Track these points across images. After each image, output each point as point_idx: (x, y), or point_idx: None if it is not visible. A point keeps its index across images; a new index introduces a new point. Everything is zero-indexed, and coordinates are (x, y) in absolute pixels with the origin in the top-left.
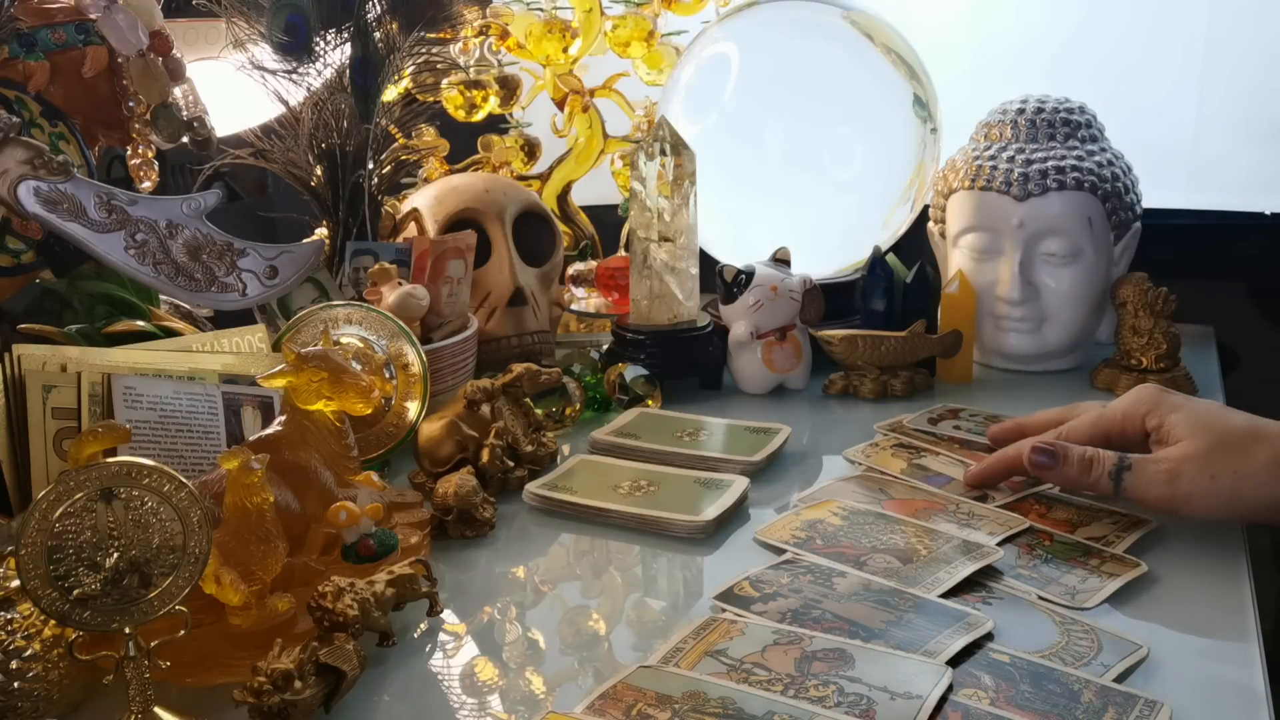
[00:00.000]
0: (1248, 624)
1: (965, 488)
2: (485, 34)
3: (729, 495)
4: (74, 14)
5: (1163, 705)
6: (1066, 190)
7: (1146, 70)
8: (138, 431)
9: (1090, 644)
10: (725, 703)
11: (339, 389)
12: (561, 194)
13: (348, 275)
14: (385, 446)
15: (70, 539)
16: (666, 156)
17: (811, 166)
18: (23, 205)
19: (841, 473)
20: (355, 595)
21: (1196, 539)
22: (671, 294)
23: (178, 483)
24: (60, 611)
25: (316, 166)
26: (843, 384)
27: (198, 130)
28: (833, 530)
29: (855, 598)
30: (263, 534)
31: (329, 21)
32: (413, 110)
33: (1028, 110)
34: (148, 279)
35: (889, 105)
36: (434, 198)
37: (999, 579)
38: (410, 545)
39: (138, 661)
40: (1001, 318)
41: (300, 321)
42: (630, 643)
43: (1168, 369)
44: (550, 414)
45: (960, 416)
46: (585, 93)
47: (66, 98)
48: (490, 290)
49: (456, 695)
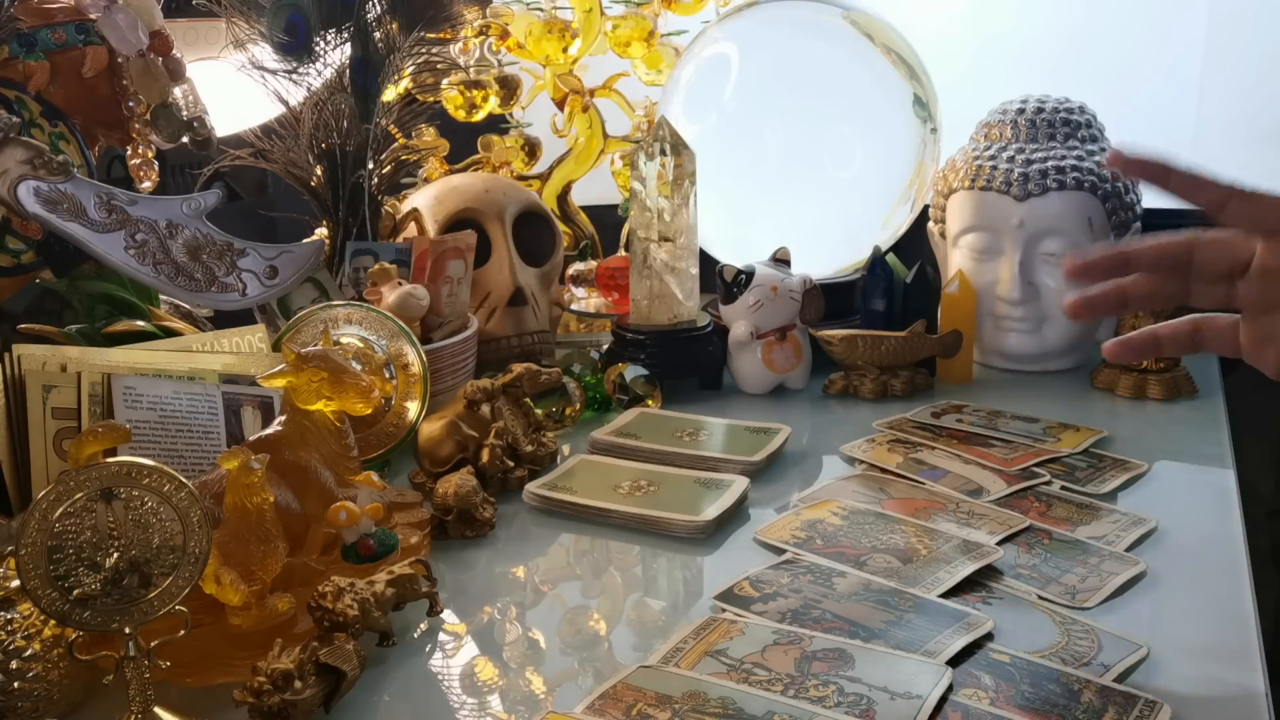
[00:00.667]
0: (1248, 624)
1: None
2: (485, 34)
3: (729, 495)
4: (74, 14)
5: (1163, 705)
6: (1066, 190)
7: (1146, 70)
8: (138, 431)
9: (1090, 644)
10: (725, 703)
11: (339, 389)
12: (561, 194)
13: (348, 275)
14: (385, 446)
15: (70, 539)
16: (666, 156)
17: (811, 166)
18: (23, 205)
19: (841, 472)
20: (355, 595)
21: (1196, 539)
22: (671, 294)
23: (178, 483)
24: (60, 611)
25: (316, 166)
26: (843, 384)
27: (198, 130)
28: (833, 530)
29: (855, 598)
30: (263, 534)
31: (329, 21)
32: (413, 110)
33: (1028, 110)
34: (148, 279)
35: (889, 105)
36: (434, 198)
37: (999, 579)
38: (410, 545)
39: (138, 661)
40: (1001, 318)
41: (300, 321)
42: (630, 643)
43: (1168, 369)
44: (550, 414)
45: (964, 411)
46: (585, 93)
47: (66, 98)
48: (490, 290)
49: (456, 695)
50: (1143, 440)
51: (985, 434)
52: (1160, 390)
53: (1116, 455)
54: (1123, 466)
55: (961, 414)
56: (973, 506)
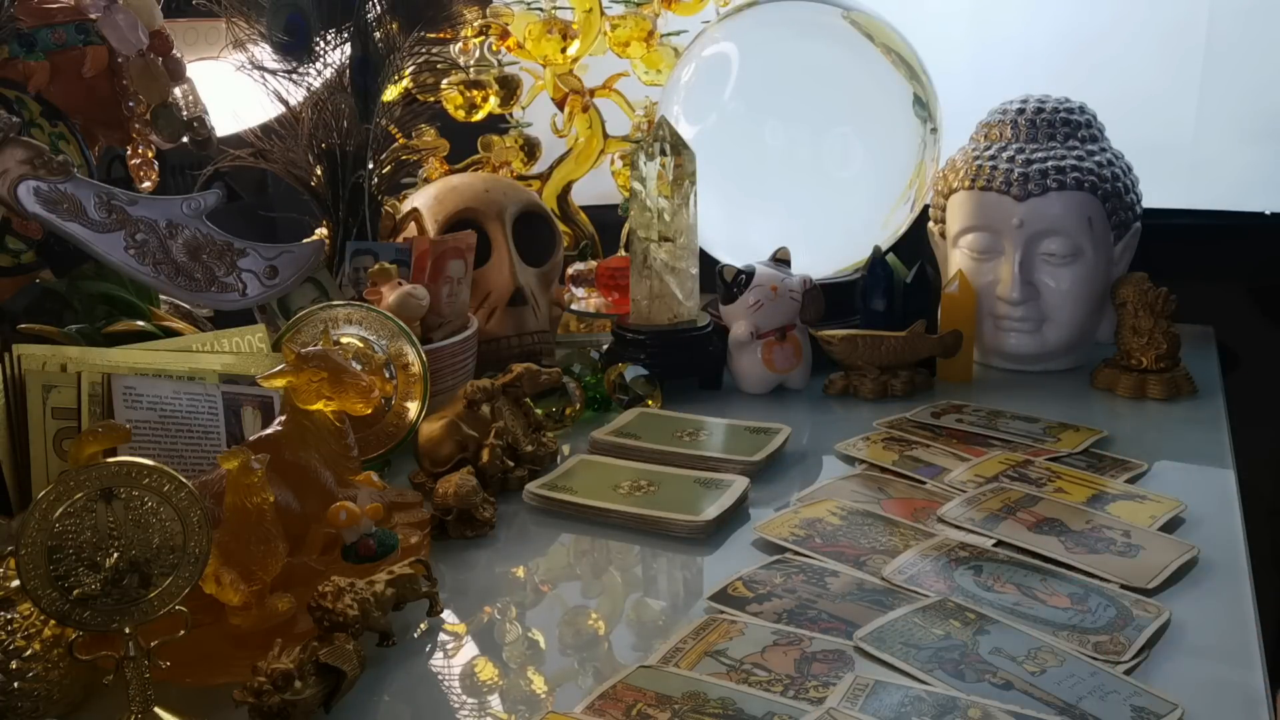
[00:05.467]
0: (1248, 624)
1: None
2: (485, 34)
3: (729, 495)
4: (74, 14)
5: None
6: (1066, 190)
7: (1146, 70)
8: (138, 431)
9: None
10: (725, 703)
11: (339, 389)
12: (561, 194)
13: (348, 275)
14: (385, 446)
15: (70, 539)
16: (666, 156)
17: (811, 166)
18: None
19: (841, 473)
20: (355, 595)
21: (1196, 539)
22: (671, 294)
23: (178, 483)
24: (60, 611)
25: (316, 166)
26: (843, 384)
27: (198, 130)
28: (831, 529)
29: (850, 597)
30: (263, 534)
31: (329, 21)
32: (413, 110)
33: (1028, 110)
34: (148, 279)
35: (889, 105)
36: (434, 198)
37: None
38: (410, 545)
39: (138, 661)
40: (1001, 318)
41: (300, 321)
42: (630, 643)
43: (1168, 369)
44: (550, 414)
45: (964, 411)
46: (585, 93)
47: (66, 98)
48: (490, 290)
49: (456, 695)
50: (1143, 440)
51: (985, 434)
52: (1160, 390)
53: (1116, 455)
54: (1123, 466)
55: (961, 414)
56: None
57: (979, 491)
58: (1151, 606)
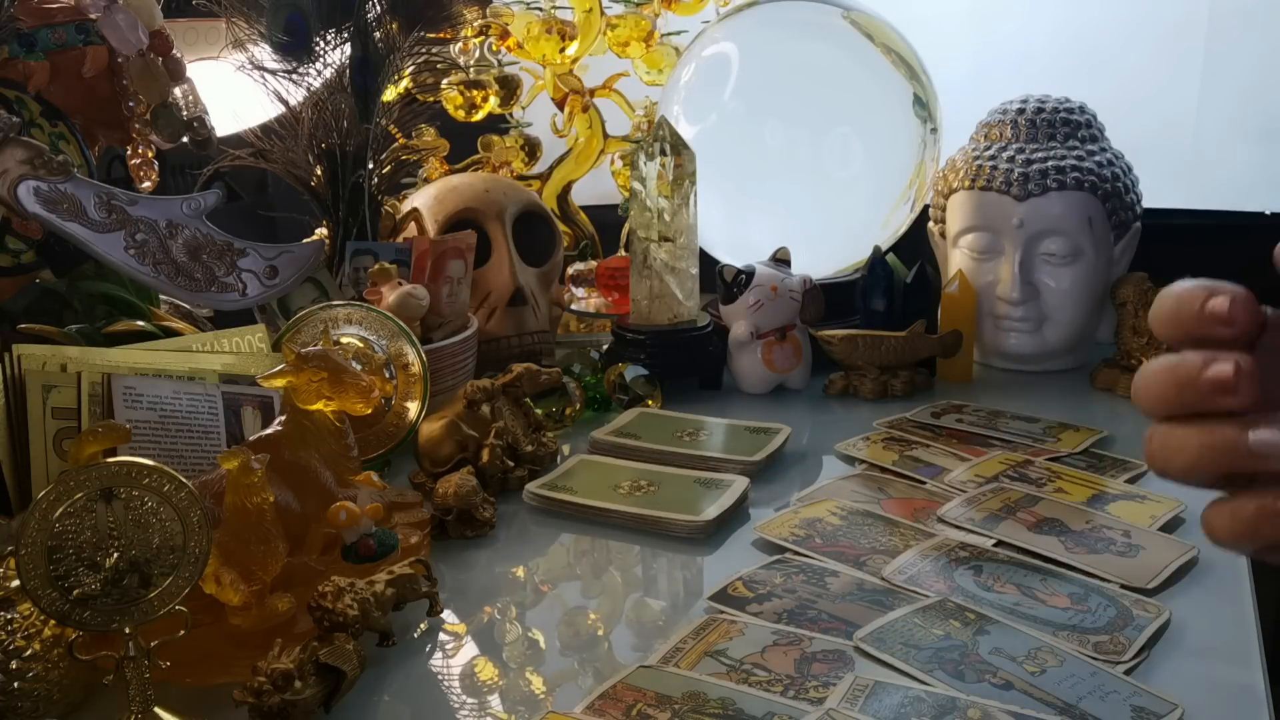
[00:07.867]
0: (1248, 624)
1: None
2: (485, 34)
3: (729, 495)
4: (74, 14)
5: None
6: (1066, 190)
7: (1146, 70)
8: (138, 431)
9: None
10: (725, 703)
11: (339, 389)
12: (561, 194)
13: (348, 275)
14: (385, 446)
15: (70, 539)
16: (666, 156)
17: (811, 166)
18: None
19: (841, 472)
20: (355, 595)
21: (1196, 539)
22: (671, 294)
23: (178, 483)
24: (60, 611)
25: (316, 166)
26: (843, 384)
27: (198, 130)
28: (831, 530)
29: (850, 597)
30: (263, 534)
31: (329, 21)
32: (413, 110)
33: (1028, 110)
34: (148, 279)
35: (889, 105)
36: (434, 198)
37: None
38: (410, 545)
39: (138, 661)
40: (1001, 318)
41: (300, 321)
42: (630, 643)
43: None
44: (550, 414)
45: (964, 411)
46: (585, 93)
47: (66, 98)
48: (490, 290)
49: (456, 695)
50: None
51: (985, 434)
52: None
53: (1116, 455)
54: (1122, 466)
55: (961, 414)
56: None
57: (979, 491)
58: (1151, 606)
